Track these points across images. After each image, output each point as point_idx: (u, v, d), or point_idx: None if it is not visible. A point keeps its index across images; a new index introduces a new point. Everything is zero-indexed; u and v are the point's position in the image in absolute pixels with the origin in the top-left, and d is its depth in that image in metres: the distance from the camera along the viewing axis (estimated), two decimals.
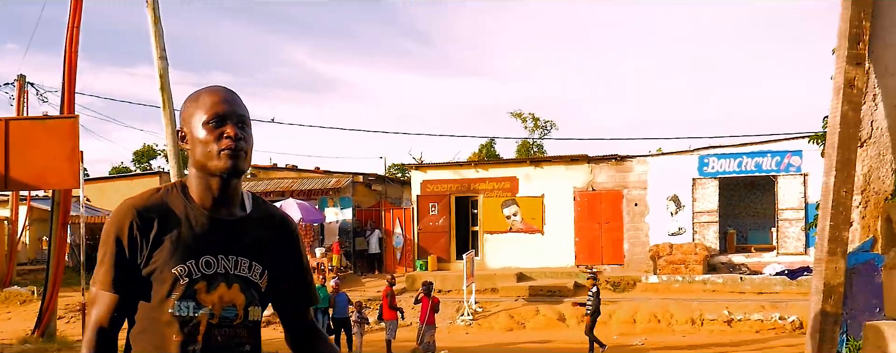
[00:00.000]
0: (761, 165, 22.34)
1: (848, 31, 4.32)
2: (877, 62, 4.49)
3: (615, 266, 22.99)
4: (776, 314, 17.10)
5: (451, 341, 16.86)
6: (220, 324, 2.10)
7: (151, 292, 2.06)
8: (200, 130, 2.12)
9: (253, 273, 2.18)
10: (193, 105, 2.16)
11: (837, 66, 4.42)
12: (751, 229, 24.78)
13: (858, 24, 4.32)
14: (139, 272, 2.05)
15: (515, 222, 24.48)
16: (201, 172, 2.15)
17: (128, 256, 2.05)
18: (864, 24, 4.34)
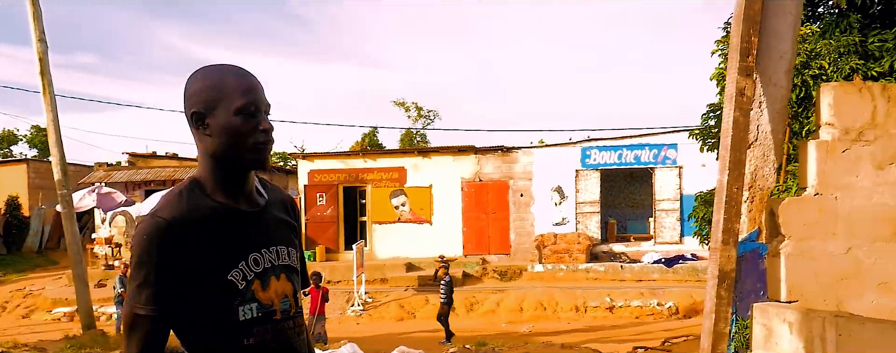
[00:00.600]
0: (640, 157, 23.60)
1: (740, 45, 4.93)
2: (763, 73, 5.13)
3: (502, 256, 23.79)
4: (654, 301, 18.24)
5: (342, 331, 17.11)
6: (282, 318, 2.06)
7: (207, 304, 1.94)
8: (232, 118, 1.94)
9: (292, 260, 2.16)
10: (217, 88, 1.96)
11: (730, 76, 5.03)
12: (630, 219, 26.17)
13: (748, 40, 4.93)
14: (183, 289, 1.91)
15: (404, 212, 24.89)
16: (224, 164, 2.00)
17: (170, 275, 1.89)
18: (753, 39, 4.96)
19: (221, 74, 1.98)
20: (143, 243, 1.88)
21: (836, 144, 5.27)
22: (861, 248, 5.46)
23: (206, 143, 1.98)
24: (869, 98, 5.25)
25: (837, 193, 5.35)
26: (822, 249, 5.36)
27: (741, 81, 4.88)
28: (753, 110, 5.15)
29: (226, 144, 1.96)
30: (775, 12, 5.00)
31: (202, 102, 1.96)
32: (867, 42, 10.81)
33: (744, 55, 4.85)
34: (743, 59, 4.86)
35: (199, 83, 1.98)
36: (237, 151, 1.96)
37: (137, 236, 1.91)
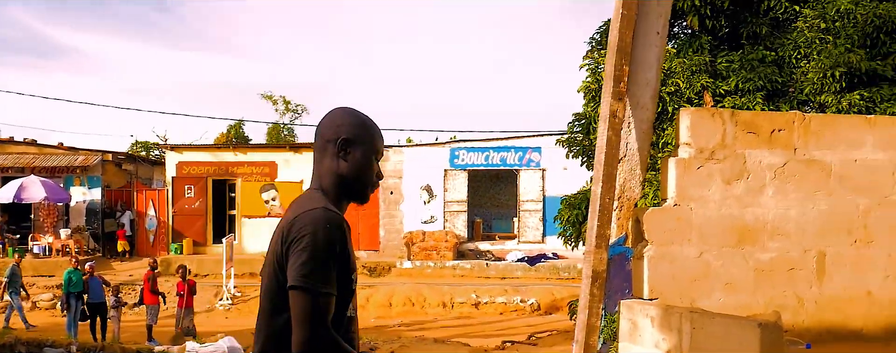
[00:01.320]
0: (506, 159, 24.54)
1: (613, 73, 5.54)
2: (632, 98, 5.78)
3: (371, 252, 24.17)
4: (518, 298, 19.13)
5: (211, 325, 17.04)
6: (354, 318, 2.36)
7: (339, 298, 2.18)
8: (370, 160, 2.36)
9: None
10: (369, 133, 2.38)
11: (604, 99, 5.64)
12: (495, 219, 27.13)
13: (621, 69, 5.55)
14: (338, 278, 2.17)
15: (274, 206, 24.83)
16: (347, 186, 2.35)
17: (339, 265, 2.16)
18: (624, 68, 5.59)
19: (370, 122, 2.40)
20: (328, 235, 2.13)
21: (692, 162, 5.99)
22: (711, 253, 6.22)
23: (341, 166, 2.34)
24: (720, 122, 6.01)
25: (692, 204, 6.08)
26: (679, 253, 6.08)
27: (614, 105, 5.49)
28: (623, 130, 5.79)
29: (355, 174, 2.34)
30: (643, 44, 5.65)
31: (353, 135, 2.34)
32: (716, 62, 11.90)
33: (617, 82, 5.47)
34: (616, 85, 5.47)
35: (352, 119, 2.38)
36: (360, 182, 2.36)
37: (317, 224, 2.14)
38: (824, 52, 11.19)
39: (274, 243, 2.25)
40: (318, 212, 2.16)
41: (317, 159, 2.39)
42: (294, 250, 2.12)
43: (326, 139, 2.36)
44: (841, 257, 6.60)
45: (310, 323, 2.08)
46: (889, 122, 6.64)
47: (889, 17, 10.75)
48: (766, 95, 11.59)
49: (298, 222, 2.16)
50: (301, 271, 2.09)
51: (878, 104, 10.72)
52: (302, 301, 2.09)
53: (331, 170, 2.35)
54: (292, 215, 2.22)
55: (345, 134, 2.34)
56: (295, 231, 2.14)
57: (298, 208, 2.23)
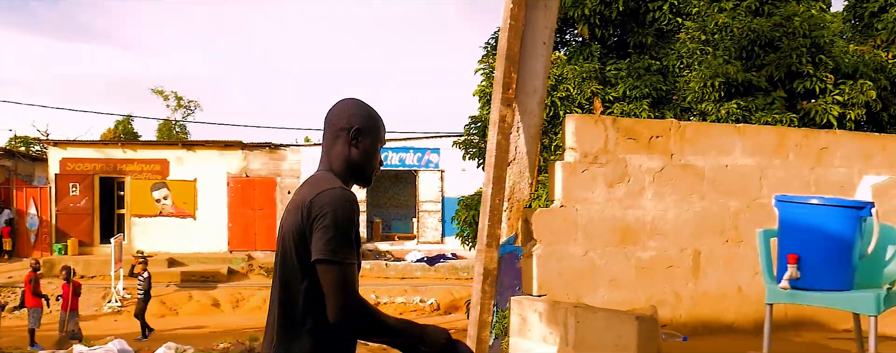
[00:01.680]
0: (405, 160, 24.75)
1: (502, 80, 5.82)
2: (520, 104, 6.07)
3: (269, 252, 23.95)
4: (417, 298, 19.36)
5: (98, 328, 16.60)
6: None
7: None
8: (376, 146, 2.56)
9: None
10: (375, 121, 2.57)
11: (494, 105, 5.90)
12: (395, 219, 27.30)
13: (509, 76, 5.83)
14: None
15: (166, 205, 24.29)
16: (355, 171, 2.54)
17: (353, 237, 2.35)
18: (513, 75, 5.87)
19: (376, 114, 2.60)
20: (347, 211, 2.31)
21: (577, 166, 6.33)
22: (595, 251, 6.58)
23: (352, 152, 2.53)
24: (603, 128, 6.38)
25: (578, 205, 6.43)
26: (566, 251, 6.41)
27: (503, 110, 5.76)
28: (513, 134, 6.07)
29: (363, 160, 2.53)
30: (531, 54, 5.95)
31: (364, 125, 2.54)
32: (606, 70, 12.44)
33: (505, 89, 5.74)
34: (505, 92, 5.75)
35: (362, 110, 2.57)
36: (367, 168, 2.56)
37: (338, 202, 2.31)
38: (705, 62, 11.86)
39: (292, 221, 2.37)
40: (337, 191, 2.34)
41: (328, 145, 2.57)
42: (318, 227, 2.28)
43: (340, 128, 2.54)
44: (714, 256, 7.08)
45: (343, 291, 2.25)
46: (756, 130, 7.18)
47: (762, 31, 11.49)
48: (652, 102, 12.20)
49: (319, 200, 2.32)
50: (329, 246, 2.26)
51: (753, 113, 11.43)
52: (333, 272, 2.26)
53: (342, 156, 2.53)
54: (310, 193, 2.36)
55: (357, 124, 2.53)
56: (317, 209, 2.30)
57: (315, 188, 2.38)
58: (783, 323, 7.24)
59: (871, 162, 7.51)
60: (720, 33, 11.87)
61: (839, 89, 11.57)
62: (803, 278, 4.22)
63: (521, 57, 5.86)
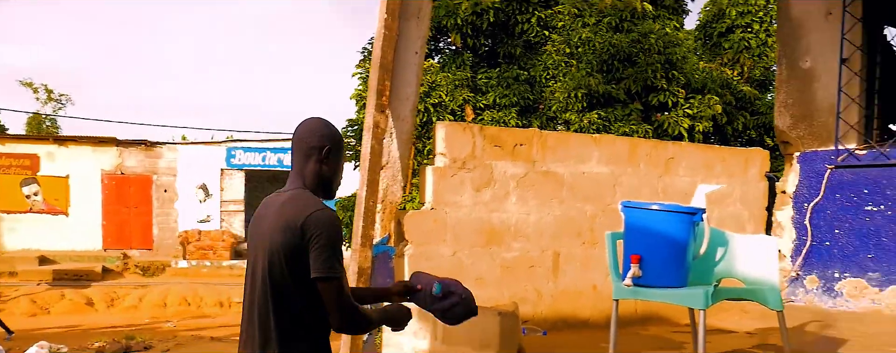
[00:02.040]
0: (283, 160, 24.40)
1: (376, 88, 5.90)
2: (394, 111, 6.16)
3: (145, 251, 23.11)
4: None
5: None
6: None
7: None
8: (341, 163, 2.75)
9: None
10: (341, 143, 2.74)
11: (368, 111, 5.97)
12: None
13: (383, 84, 5.92)
14: None
15: (37, 202, 23.04)
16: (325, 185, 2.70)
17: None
18: (386, 83, 5.96)
19: (340, 133, 2.76)
20: (336, 228, 2.50)
21: (446, 170, 6.49)
22: (463, 252, 6.75)
23: (322, 169, 2.68)
24: (470, 136, 6.56)
25: (447, 208, 6.58)
26: (436, 251, 6.55)
27: (377, 116, 5.84)
28: (386, 139, 6.16)
29: (331, 175, 2.70)
30: (404, 63, 6.06)
31: (332, 144, 2.69)
32: (477, 78, 12.72)
33: (379, 96, 5.82)
34: (378, 99, 5.83)
35: (331, 130, 2.73)
36: (335, 182, 2.73)
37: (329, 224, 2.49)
38: (569, 74, 12.31)
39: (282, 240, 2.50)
40: (327, 213, 2.52)
41: (300, 163, 2.70)
42: (315, 246, 2.46)
43: (311, 146, 2.69)
44: (572, 256, 7.39)
45: (345, 304, 2.49)
46: (611, 140, 7.54)
47: (621, 46, 12.04)
48: (520, 110, 12.56)
49: (313, 221, 2.48)
50: (327, 264, 2.46)
51: (612, 123, 11.97)
52: (333, 288, 2.47)
53: (315, 172, 2.69)
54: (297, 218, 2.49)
55: (328, 144, 2.70)
56: (312, 229, 2.46)
57: (303, 209, 2.52)
58: (633, 318, 7.64)
59: (712, 172, 8.02)
60: (583, 47, 12.36)
61: (689, 103, 12.27)
62: (645, 276, 4.50)
63: (395, 66, 5.96)
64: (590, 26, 12.55)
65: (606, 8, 12.51)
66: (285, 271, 2.51)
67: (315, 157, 2.69)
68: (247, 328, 2.62)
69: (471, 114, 12.52)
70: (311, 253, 2.47)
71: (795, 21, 8.34)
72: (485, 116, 12.32)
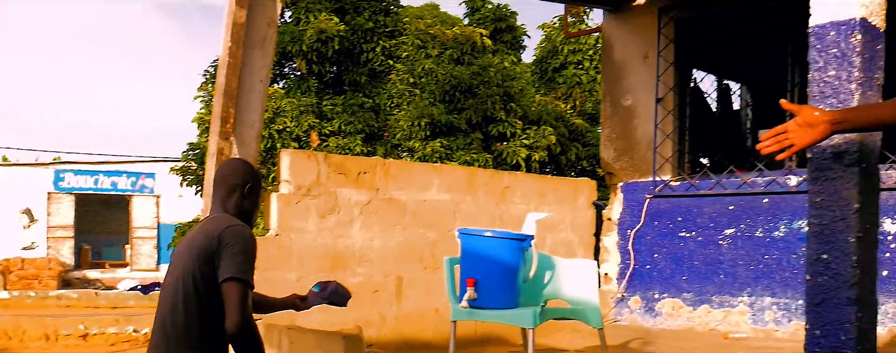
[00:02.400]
0: (117, 184, 23.37)
1: (220, 114, 5.92)
2: (238, 137, 6.20)
3: None
4: (130, 327, 18.24)
5: None
6: None
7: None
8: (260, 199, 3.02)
9: None
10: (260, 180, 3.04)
11: (212, 138, 5.98)
12: (106, 246, 25.53)
13: (227, 111, 5.95)
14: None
15: None
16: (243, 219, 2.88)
17: None
18: (230, 110, 6.00)
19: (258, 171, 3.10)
20: (252, 241, 2.75)
21: (291, 197, 6.58)
22: (308, 277, 6.83)
23: (244, 203, 2.94)
24: (315, 163, 6.69)
25: (292, 234, 6.66)
26: (281, 278, 6.60)
27: (221, 143, 5.87)
28: None
29: (252, 209, 2.99)
30: (248, 90, 6.13)
31: (255, 182, 2.99)
32: (322, 104, 12.85)
33: (223, 123, 5.86)
34: (222, 125, 5.87)
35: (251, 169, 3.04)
36: (254, 215, 3.01)
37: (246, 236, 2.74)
38: (413, 103, 12.68)
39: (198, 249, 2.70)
40: (244, 227, 2.80)
41: (223, 197, 2.95)
42: (228, 253, 2.66)
43: (235, 184, 2.95)
44: (415, 281, 7.62)
45: (243, 307, 2.62)
46: (451, 169, 7.89)
47: (462, 78, 12.54)
48: (365, 137, 12.79)
49: (230, 232, 2.71)
50: (240, 267, 2.65)
51: (454, 151, 12.41)
52: (238, 290, 2.62)
53: (237, 205, 2.93)
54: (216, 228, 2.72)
55: (251, 182, 2.99)
56: (228, 238, 2.69)
57: (220, 224, 2.75)
58: (473, 340, 7.95)
59: (544, 200, 8.53)
60: (427, 77, 12.78)
61: (526, 134, 12.91)
62: (480, 298, 4.79)
63: (239, 93, 6.01)
64: (433, 57, 13.00)
65: (448, 41, 13.00)
66: (197, 276, 2.68)
67: (238, 192, 2.94)
68: (152, 337, 2.75)
69: (316, 140, 12.61)
70: (224, 258, 2.65)
71: (617, 63, 9.07)
72: (330, 142, 12.44)
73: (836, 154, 2.84)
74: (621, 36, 9.04)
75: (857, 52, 2.69)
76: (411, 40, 13.23)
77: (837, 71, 2.74)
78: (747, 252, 8.21)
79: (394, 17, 13.32)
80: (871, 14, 2.82)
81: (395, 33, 13.47)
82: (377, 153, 12.38)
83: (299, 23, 12.55)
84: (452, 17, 14.73)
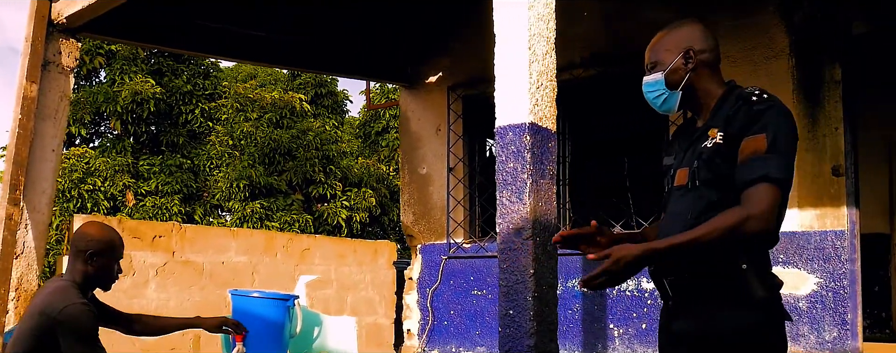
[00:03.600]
0: None
1: (10, 181, 6.31)
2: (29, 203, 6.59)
3: None
4: None
5: None
6: None
7: None
8: (111, 264, 3.25)
9: None
10: (111, 246, 3.24)
11: (1, 204, 6.34)
12: None
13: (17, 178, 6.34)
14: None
15: None
16: (90, 284, 3.22)
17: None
18: (20, 178, 6.39)
19: (113, 236, 3.28)
20: (91, 322, 3.03)
21: None
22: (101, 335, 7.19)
23: (89, 269, 3.16)
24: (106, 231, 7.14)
25: None
26: None
27: (10, 209, 6.23)
28: (20, 231, 6.53)
29: (99, 275, 3.21)
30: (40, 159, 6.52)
31: (99, 249, 3.18)
32: (139, 164, 13.12)
33: (13, 190, 6.24)
34: (12, 192, 6.24)
35: (100, 234, 3.23)
36: (102, 280, 3.26)
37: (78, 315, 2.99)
38: (232, 165, 13.19)
39: (30, 317, 3.02)
40: (82, 306, 3.03)
41: (71, 261, 3.20)
42: (68, 338, 3.00)
43: (79, 250, 3.19)
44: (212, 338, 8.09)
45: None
46: (248, 233, 8.50)
47: (282, 141, 13.21)
48: (184, 197, 13.14)
49: (68, 312, 2.98)
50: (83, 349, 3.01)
51: (275, 212, 12.97)
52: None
53: (82, 272, 3.19)
54: (58, 304, 2.99)
55: (93, 248, 3.18)
56: (67, 318, 2.97)
57: (63, 299, 3.02)
58: None
59: (344, 261, 9.27)
60: (246, 139, 13.35)
61: (347, 196, 13.67)
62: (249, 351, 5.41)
63: (31, 161, 6.41)
64: (252, 121, 13.61)
65: (267, 105, 13.67)
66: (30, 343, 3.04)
67: (82, 258, 3.18)
68: None
69: (132, 200, 12.83)
70: (65, 340, 3.01)
71: (413, 134, 10.03)
72: (147, 202, 12.70)
73: (516, 230, 3.53)
74: (416, 110, 10.03)
75: (528, 149, 3.25)
76: (231, 103, 13.80)
77: (514, 163, 3.31)
78: None
79: (213, 80, 13.86)
80: (542, 118, 3.40)
81: (215, 96, 14.00)
82: (196, 213, 12.75)
83: (114, 84, 12.86)
84: (276, 75, 15.40)
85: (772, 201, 1.98)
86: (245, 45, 6.56)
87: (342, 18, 6.90)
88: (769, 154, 2.00)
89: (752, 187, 2.00)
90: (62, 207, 11.22)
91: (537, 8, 3.12)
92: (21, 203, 6.46)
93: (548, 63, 3.19)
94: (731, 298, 2.07)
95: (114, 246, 3.30)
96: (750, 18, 5.49)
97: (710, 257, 2.09)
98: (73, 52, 6.77)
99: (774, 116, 2.04)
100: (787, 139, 2.04)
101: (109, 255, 3.26)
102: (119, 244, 3.37)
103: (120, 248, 3.36)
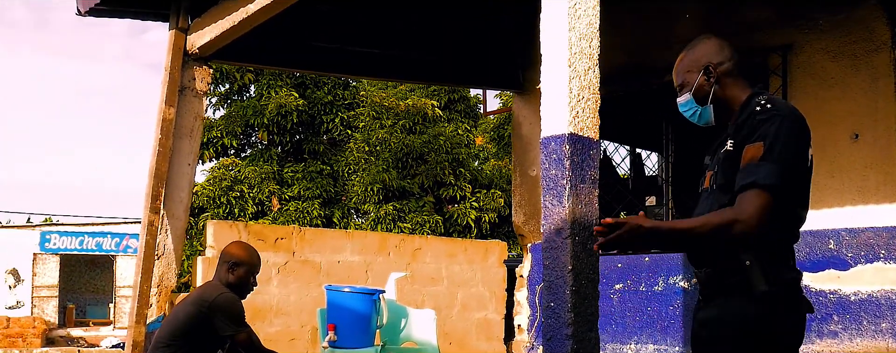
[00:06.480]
0: (102, 244, 25.05)
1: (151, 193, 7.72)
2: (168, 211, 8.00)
3: None
4: None
5: None
6: None
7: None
8: (248, 276, 4.06)
9: None
10: (250, 259, 4.04)
11: (144, 212, 7.78)
12: (90, 305, 27.23)
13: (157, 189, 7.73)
14: None
15: None
16: (230, 287, 4.03)
17: None
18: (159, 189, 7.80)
19: (251, 251, 4.12)
20: (236, 304, 4.00)
21: (214, 260, 8.34)
22: None
23: (229, 278, 3.99)
24: (237, 232, 8.47)
25: None
26: None
27: (151, 216, 7.61)
28: (161, 236, 7.96)
29: (237, 284, 4.04)
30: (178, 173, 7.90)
31: (239, 259, 4.04)
32: (283, 172, 14.72)
33: (153, 200, 7.60)
34: (153, 202, 7.60)
35: (242, 249, 4.09)
36: (240, 289, 4.06)
37: (235, 302, 3.99)
38: (367, 170, 14.51)
39: (184, 307, 3.94)
40: (232, 295, 3.94)
41: (219, 268, 4.05)
42: (221, 320, 3.85)
43: (225, 260, 4.03)
44: None
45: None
46: (363, 235, 9.64)
47: (414, 146, 14.38)
48: (323, 202, 14.61)
49: (222, 298, 3.88)
50: (236, 328, 3.88)
51: (407, 214, 14.17)
52: (244, 342, 3.91)
53: (224, 278, 4.01)
54: (213, 293, 3.88)
55: (234, 260, 4.01)
56: (222, 302, 3.86)
57: (216, 290, 3.92)
58: None
59: (455, 260, 10.24)
60: (381, 145, 14.64)
61: (476, 197, 14.67)
62: (340, 340, 6.47)
63: (170, 175, 7.77)
64: (387, 127, 14.87)
65: (401, 112, 14.89)
66: (188, 325, 3.89)
67: (224, 267, 4.00)
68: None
69: (277, 205, 14.42)
70: (216, 321, 3.82)
71: (524, 138, 10.81)
72: (290, 206, 14.24)
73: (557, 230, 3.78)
74: (527, 114, 10.82)
75: (567, 157, 3.55)
76: (368, 111, 15.13)
77: (556, 170, 3.62)
78: (633, 305, 9.85)
79: (352, 90, 15.24)
80: (583, 129, 3.70)
81: (353, 105, 15.39)
82: (334, 216, 14.15)
83: (262, 98, 14.49)
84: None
85: (758, 207, 2.16)
86: (360, 62, 7.35)
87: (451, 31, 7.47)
88: (763, 161, 2.18)
89: (743, 192, 2.20)
90: (213, 212, 12.88)
91: (579, 28, 3.43)
92: (161, 211, 7.88)
93: (590, 78, 3.48)
94: (737, 291, 2.28)
95: (251, 262, 4.05)
96: (850, 12, 5.56)
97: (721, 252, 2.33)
98: (206, 78, 8.11)
99: (775, 126, 2.22)
100: (784, 147, 2.19)
101: (247, 268, 4.03)
102: (256, 262, 4.13)
103: (257, 264, 4.13)
